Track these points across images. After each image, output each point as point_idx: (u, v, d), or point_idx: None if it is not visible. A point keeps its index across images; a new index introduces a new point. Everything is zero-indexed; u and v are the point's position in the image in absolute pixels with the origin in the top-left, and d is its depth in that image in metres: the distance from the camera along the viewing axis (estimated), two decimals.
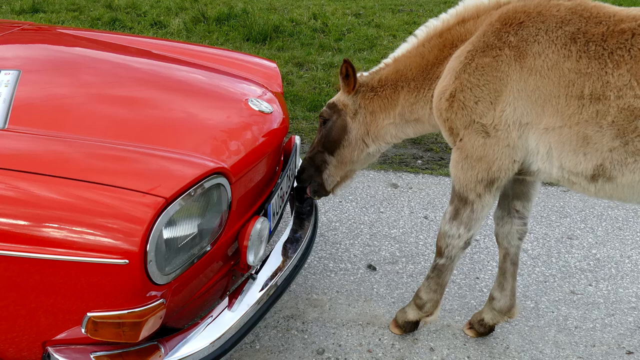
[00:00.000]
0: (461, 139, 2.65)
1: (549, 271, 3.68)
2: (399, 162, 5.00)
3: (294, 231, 2.95)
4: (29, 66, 2.77)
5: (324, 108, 3.11)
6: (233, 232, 2.40)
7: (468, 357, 2.99)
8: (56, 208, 1.95)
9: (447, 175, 4.83)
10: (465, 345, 3.06)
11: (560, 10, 2.46)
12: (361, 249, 3.81)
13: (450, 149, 2.87)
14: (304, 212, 3.15)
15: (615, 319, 3.30)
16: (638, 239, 4.05)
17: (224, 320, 2.32)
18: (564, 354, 3.04)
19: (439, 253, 2.85)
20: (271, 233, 2.78)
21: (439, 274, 2.90)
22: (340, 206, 4.29)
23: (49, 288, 1.98)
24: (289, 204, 3.20)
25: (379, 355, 2.97)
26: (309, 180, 3.16)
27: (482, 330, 3.10)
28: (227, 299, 2.41)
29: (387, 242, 3.89)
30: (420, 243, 3.89)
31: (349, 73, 2.96)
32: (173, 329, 2.25)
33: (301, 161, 3.23)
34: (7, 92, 2.42)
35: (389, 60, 3.01)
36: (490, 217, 4.17)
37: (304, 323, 3.15)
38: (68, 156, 2.13)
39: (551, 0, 2.53)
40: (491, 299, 3.06)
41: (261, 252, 2.55)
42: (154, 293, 2.04)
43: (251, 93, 2.99)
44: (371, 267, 3.63)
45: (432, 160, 5.05)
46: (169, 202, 2.00)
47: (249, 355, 2.91)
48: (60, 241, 1.93)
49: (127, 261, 1.92)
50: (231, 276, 2.54)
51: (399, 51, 2.97)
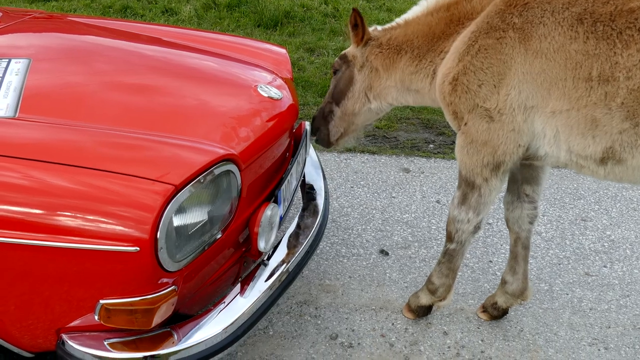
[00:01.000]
0: (466, 123, 2.63)
1: (563, 253, 3.66)
2: (411, 146, 4.98)
3: (305, 217, 2.95)
4: (40, 55, 2.78)
5: (336, 59, 3.13)
6: (243, 218, 2.41)
7: (482, 341, 2.99)
8: (67, 196, 1.96)
9: None
10: (479, 328, 3.05)
11: None
12: (373, 234, 3.81)
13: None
14: (315, 198, 3.14)
15: (631, 300, 3.28)
16: None
17: (236, 307, 2.32)
18: (579, 335, 3.03)
19: (449, 238, 2.84)
20: (282, 219, 2.78)
21: (450, 258, 2.89)
22: (352, 191, 4.29)
23: (62, 276, 1.99)
24: (299, 189, 3.20)
25: (393, 339, 2.98)
26: (318, 129, 3.20)
27: (495, 313, 3.09)
28: (239, 285, 2.42)
29: (399, 227, 3.88)
30: (433, 227, 3.88)
31: (357, 23, 2.95)
32: (186, 316, 2.27)
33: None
34: (18, 81, 2.43)
35: (400, 20, 2.99)
36: (502, 201, 4.16)
37: (317, 309, 3.16)
38: (78, 144, 2.14)
39: None
40: (503, 282, 3.05)
41: (272, 238, 2.55)
42: (165, 280, 2.05)
43: (261, 79, 2.98)
44: (383, 252, 3.62)
45: (444, 145, 5.03)
46: (178, 189, 2.01)
47: (263, 341, 2.93)
48: (71, 229, 1.94)
49: (138, 248, 1.93)
50: (243, 263, 2.55)
51: (411, 14, 2.95)
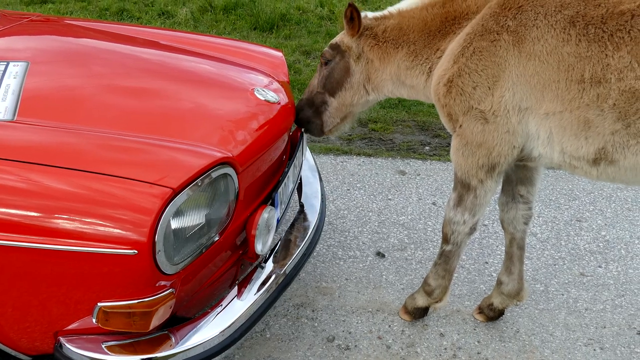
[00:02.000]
0: (460, 125, 2.64)
1: (559, 254, 3.68)
2: (407, 148, 5.00)
3: (301, 220, 2.96)
4: (37, 58, 2.79)
5: (326, 48, 3.06)
6: (241, 221, 2.42)
7: (478, 342, 3.00)
8: (65, 199, 1.97)
9: None
10: (475, 330, 3.07)
11: None
12: (370, 236, 3.82)
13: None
14: (312, 201, 3.15)
15: (626, 300, 3.30)
16: None
17: (233, 309, 2.34)
18: (575, 336, 3.05)
19: (445, 240, 2.86)
20: (279, 222, 2.79)
21: (446, 260, 2.91)
22: (349, 194, 4.30)
23: (60, 279, 2.00)
24: (296, 192, 3.22)
25: (389, 341, 2.99)
26: (307, 121, 3.15)
27: (491, 314, 3.11)
28: (236, 288, 2.43)
29: (395, 229, 3.90)
30: (429, 229, 3.90)
31: (353, 17, 2.91)
32: (183, 318, 2.28)
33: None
34: (16, 84, 2.43)
35: (394, 10, 2.96)
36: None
37: (313, 311, 3.17)
38: (76, 147, 2.15)
39: None
40: (499, 283, 3.07)
41: (269, 241, 2.56)
42: (163, 283, 2.06)
43: (257, 83, 3.00)
44: (380, 254, 3.64)
45: (439, 147, 5.05)
46: (176, 192, 2.02)
47: (260, 344, 2.94)
48: (70, 232, 1.95)
49: (136, 251, 1.94)
50: (240, 265, 2.56)
51: (405, 5, 2.92)
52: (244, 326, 2.33)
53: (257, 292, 2.42)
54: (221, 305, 2.34)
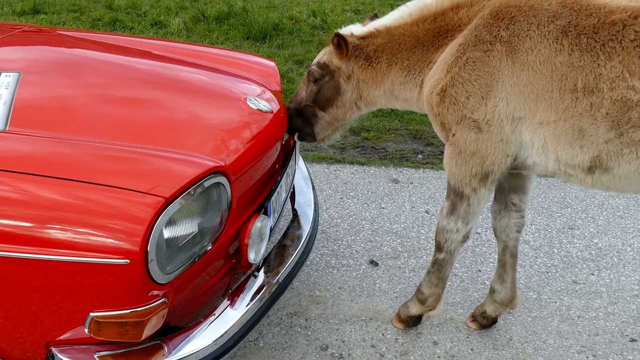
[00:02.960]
0: (454, 134, 2.65)
1: (551, 262, 3.69)
2: (400, 157, 5.01)
3: (294, 228, 2.97)
4: (30, 68, 2.79)
5: (314, 67, 3.05)
6: (234, 230, 2.42)
7: (471, 350, 3.00)
8: (57, 209, 1.97)
9: None
10: (468, 337, 3.07)
11: (552, 4, 2.45)
12: (363, 244, 3.83)
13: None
14: (305, 210, 3.16)
15: (618, 307, 3.31)
16: (639, 227, 4.05)
17: (226, 318, 2.34)
18: (567, 343, 3.05)
19: (439, 248, 2.86)
20: (272, 231, 2.79)
21: (439, 268, 2.91)
22: (342, 202, 4.31)
23: (52, 289, 2.00)
24: (289, 201, 3.22)
25: (383, 350, 2.99)
26: (297, 129, 3.17)
27: (485, 322, 3.12)
28: (229, 297, 2.43)
29: (388, 238, 3.90)
30: (422, 237, 3.90)
31: (340, 44, 2.90)
32: (176, 328, 2.27)
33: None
34: (8, 94, 2.44)
35: (380, 27, 2.92)
36: None
37: (307, 320, 3.17)
38: (68, 157, 2.15)
39: None
40: (492, 291, 3.07)
41: (262, 250, 2.56)
42: (155, 292, 2.06)
43: (250, 92, 3.00)
44: (373, 263, 3.64)
45: (432, 155, 5.06)
46: (169, 201, 2.02)
47: (253, 353, 2.93)
48: (62, 242, 1.95)
49: (128, 261, 1.94)
50: (233, 274, 2.56)
51: (391, 21, 2.90)
52: (236, 335, 2.33)
53: (250, 301, 2.42)
54: (214, 314, 2.34)
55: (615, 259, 3.72)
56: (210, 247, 2.27)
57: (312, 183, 3.41)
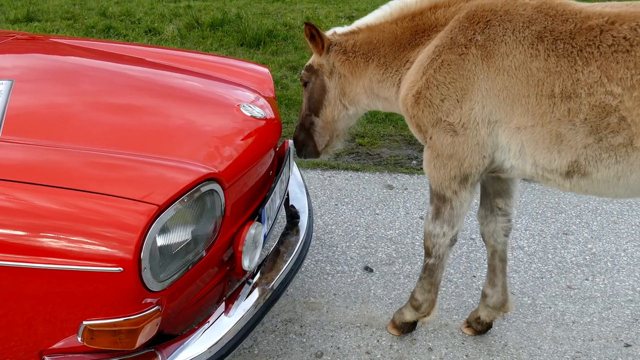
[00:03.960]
0: (430, 137, 2.67)
1: (546, 267, 3.69)
2: (394, 163, 5.01)
3: (289, 235, 2.96)
4: (22, 76, 2.79)
5: (303, 71, 3.11)
6: (227, 237, 2.42)
7: (466, 356, 3.00)
8: (50, 217, 1.97)
9: None
10: (463, 344, 3.07)
11: (527, 10, 2.46)
12: (358, 251, 3.82)
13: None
14: (299, 216, 3.16)
15: (613, 313, 3.31)
16: (633, 232, 4.06)
17: (221, 326, 2.33)
18: (562, 349, 3.05)
19: (427, 253, 2.88)
20: (266, 238, 2.79)
21: (430, 273, 2.92)
22: (336, 209, 4.31)
23: (45, 297, 1.99)
24: (283, 207, 3.21)
25: (378, 356, 2.98)
26: (302, 144, 3.17)
27: (479, 328, 3.12)
28: (223, 304, 2.42)
29: (383, 244, 3.90)
30: (417, 243, 3.90)
31: (313, 34, 2.94)
32: (170, 336, 2.26)
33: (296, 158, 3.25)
34: (0, 102, 2.43)
35: (362, 25, 2.96)
36: None
37: (302, 326, 3.16)
38: (61, 165, 2.15)
39: None
40: (484, 296, 3.08)
41: (256, 257, 2.56)
42: (149, 300, 2.05)
43: (243, 99, 3.01)
44: (368, 269, 3.64)
45: None
46: (162, 209, 2.01)
47: None
48: (55, 250, 1.95)
49: (121, 269, 1.93)
50: (227, 281, 2.55)
51: (372, 19, 2.94)
52: (231, 342, 2.32)
53: (245, 308, 2.41)
54: (208, 321, 2.33)
55: (610, 264, 3.73)
56: (204, 255, 2.26)
57: (307, 189, 3.41)
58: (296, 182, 3.42)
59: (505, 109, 2.45)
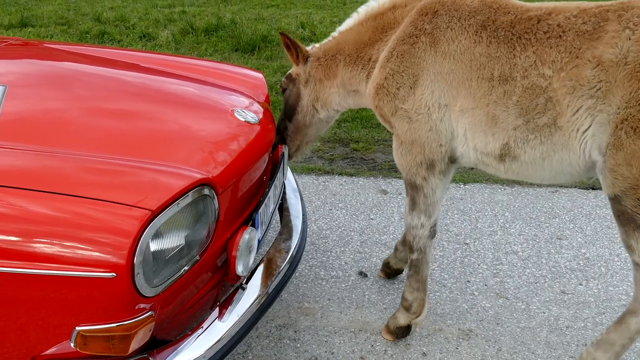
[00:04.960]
0: (394, 126, 2.84)
1: (540, 272, 3.70)
2: (388, 168, 5.02)
3: (283, 240, 2.96)
4: (16, 81, 2.78)
5: (283, 79, 3.35)
6: (221, 242, 2.41)
7: None
8: (43, 222, 1.96)
9: None
10: (457, 349, 3.07)
11: (474, 2, 2.66)
12: (352, 256, 3.82)
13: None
14: (293, 221, 3.15)
15: (607, 318, 3.31)
16: None
17: (214, 331, 2.32)
18: (556, 354, 3.05)
19: (410, 248, 2.99)
20: (260, 243, 2.78)
21: (416, 270, 3.00)
22: (331, 214, 4.31)
23: (38, 302, 1.98)
24: (277, 212, 3.21)
25: None
26: (273, 148, 3.30)
27: (388, 271, 3.55)
28: (217, 309, 2.41)
29: (377, 249, 3.90)
30: None
31: (288, 44, 3.20)
32: (163, 341, 2.25)
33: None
34: None
35: (335, 33, 3.22)
36: (480, 221, 4.20)
37: (296, 332, 3.15)
38: (54, 170, 2.14)
39: None
40: (395, 249, 3.48)
41: (250, 262, 2.55)
42: (142, 305, 2.04)
43: (237, 104, 3.00)
44: (362, 274, 3.64)
45: None
46: (155, 214, 2.01)
47: None
48: (48, 256, 1.93)
49: (114, 274, 1.93)
50: (221, 287, 2.54)
51: (344, 26, 3.19)
52: (224, 348, 2.31)
53: (239, 313, 2.40)
54: (202, 327, 2.33)
55: (603, 269, 3.73)
56: (197, 260, 2.25)
57: (301, 194, 3.41)
58: (290, 187, 3.42)
59: (452, 92, 2.61)
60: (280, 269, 2.73)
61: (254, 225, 2.64)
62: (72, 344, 2.02)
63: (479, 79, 2.53)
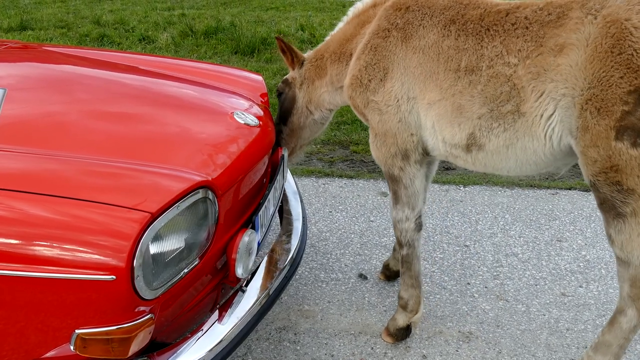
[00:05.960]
0: (367, 119, 2.92)
1: (540, 274, 3.69)
2: None
3: (283, 242, 2.96)
4: (15, 84, 2.78)
5: (279, 83, 3.44)
6: (221, 245, 2.41)
7: None
8: (43, 225, 1.95)
9: (437, 182, 4.85)
10: (457, 351, 3.06)
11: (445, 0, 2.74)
12: (352, 258, 3.82)
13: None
14: (293, 223, 3.15)
15: (607, 320, 3.30)
16: None
17: (214, 334, 2.32)
18: (557, 356, 3.05)
19: (399, 244, 3.04)
20: (260, 245, 2.78)
21: (408, 266, 3.03)
22: (331, 216, 4.30)
23: (37, 305, 1.98)
24: (277, 215, 3.21)
25: None
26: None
27: (388, 273, 3.57)
28: (217, 312, 2.41)
29: (377, 251, 3.90)
30: None
31: (284, 48, 3.31)
32: (163, 344, 2.25)
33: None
34: None
35: (328, 36, 3.34)
36: (480, 223, 4.20)
37: (296, 334, 3.15)
38: (54, 173, 2.14)
39: None
40: (394, 250, 3.54)
41: (250, 264, 2.55)
42: (142, 308, 2.04)
43: (237, 106, 3.01)
44: (362, 276, 3.63)
45: None
46: (155, 216, 2.01)
47: None
48: (47, 258, 1.93)
49: (114, 277, 1.92)
50: (221, 289, 2.54)
51: (336, 28, 3.30)
52: (224, 351, 2.30)
53: (238, 315, 2.40)
54: (202, 329, 2.32)
55: (604, 271, 3.73)
56: (197, 262, 2.25)
57: (301, 197, 3.41)
58: (290, 190, 3.42)
59: (420, 85, 2.67)
60: (280, 272, 2.72)
61: (253, 228, 2.63)
62: (71, 347, 2.01)
63: (446, 70, 2.59)
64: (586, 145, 2.29)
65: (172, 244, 2.13)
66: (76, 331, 1.99)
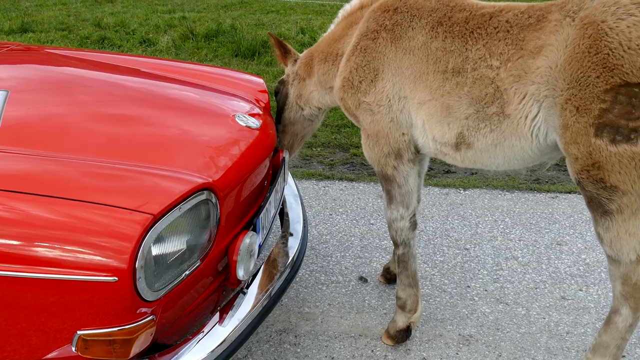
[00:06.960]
0: (359, 120, 2.95)
1: (540, 277, 3.70)
2: None
3: (283, 245, 2.96)
4: (17, 86, 2.79)
5: (276, 84, 3.52)
6: (222, 247, 2.41)
7: None
8: (45, 227, 1.96)
9: (437, 185, 4.86)
10: (457, 354, 3.07)
11: (431, 1, 2.77)
12: (352, 261, 3.83)
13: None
14: (294, 226, 3.16)
15: None
16: None
17: (215, 336, 2.32)
18: (556, 359, 3.05)
19: (395, 243, 3.06)
20: (261, 247, 2.79)
21: (404, 265, 3.05)
22: (331, 219, 4.31)
23: (39, 307, 1.98)
24: (278, 217, 3.22)
25: None
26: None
27: (389, 276, 3.59)
28: (218, 314, 2.41)
29: (377, 254, 3.91)
30: None
31: (274, 43, 3.42)
32: (164, 346, 2.25)
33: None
34: None
35: (320, 37, 3.40)
36: (480, 226, 4.20)
37: (296, 337, 3.15)
38: (56, 175, 2.14)
39: None
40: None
41: (251, 266, 2.55)
42: (144, 310, 2.04)
43: (238, 109, 3.02)
44: (362, 279, 3.64)
45: None
46: (157, 218, 2.01)
47: None
48: (50, 260, 1.93)
49: (116, 278, 1.93)
50: (222, 291, 2.54)
51: (328, 29, 3.35)
52: (225, 352, 2.31)
53: (239, 318, 2.40)
54: (203, 331, 2.32)
55: (603, 274, 3.74)
56: (198, 264, 2.26)
57: (301, 199, 3.41)
58: (291, 192, 3.43)
59: (410, 85, 2.71)
60: (281, 274, 2.73)
61: (255, 230, 2.64)
62: (73, 349, 2.02)
63: (435, 72, 2.63)
64: (567, 142, 2.33)
65: (174, 245, 2.14)
66: (78, 332, 2.00)
